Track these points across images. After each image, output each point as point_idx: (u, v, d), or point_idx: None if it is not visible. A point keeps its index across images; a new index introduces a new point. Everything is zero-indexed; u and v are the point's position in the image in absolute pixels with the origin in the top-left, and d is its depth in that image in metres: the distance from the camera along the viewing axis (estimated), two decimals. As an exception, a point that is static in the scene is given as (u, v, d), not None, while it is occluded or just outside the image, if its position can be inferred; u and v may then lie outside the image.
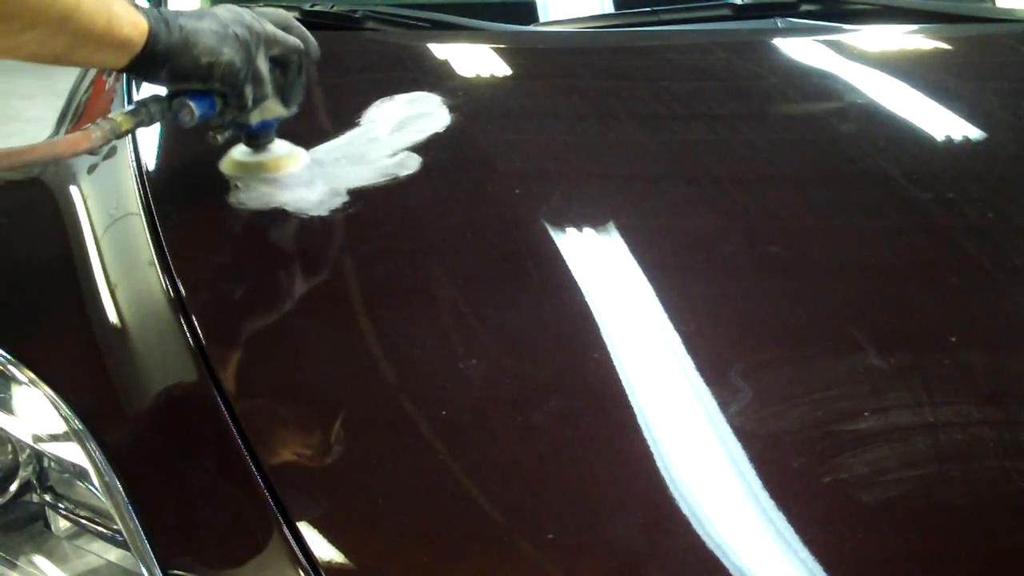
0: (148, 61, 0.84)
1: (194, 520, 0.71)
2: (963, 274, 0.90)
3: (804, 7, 1.49)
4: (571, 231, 0.92)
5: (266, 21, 0.91)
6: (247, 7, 0.92)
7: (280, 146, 1.01)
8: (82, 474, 0.74)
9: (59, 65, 0.83)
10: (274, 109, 0.97)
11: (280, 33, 0.92)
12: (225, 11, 0.89)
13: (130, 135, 1.03)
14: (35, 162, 0.97)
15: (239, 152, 1.00)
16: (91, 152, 0.86)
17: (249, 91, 0.90)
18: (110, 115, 0.87)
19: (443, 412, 0.73)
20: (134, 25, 0.82)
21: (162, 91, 0.91)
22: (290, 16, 0.96)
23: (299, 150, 1.02)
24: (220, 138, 0.96)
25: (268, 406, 0.75)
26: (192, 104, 0.88)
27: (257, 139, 0.99)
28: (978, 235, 0.95)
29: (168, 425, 0.76)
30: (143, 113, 0.88)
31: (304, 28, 0.97)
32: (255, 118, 0.96)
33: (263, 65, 0.90)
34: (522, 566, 0.63)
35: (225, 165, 1.00)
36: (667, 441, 0.70)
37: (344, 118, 1.10)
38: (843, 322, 0.82)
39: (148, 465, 0.74)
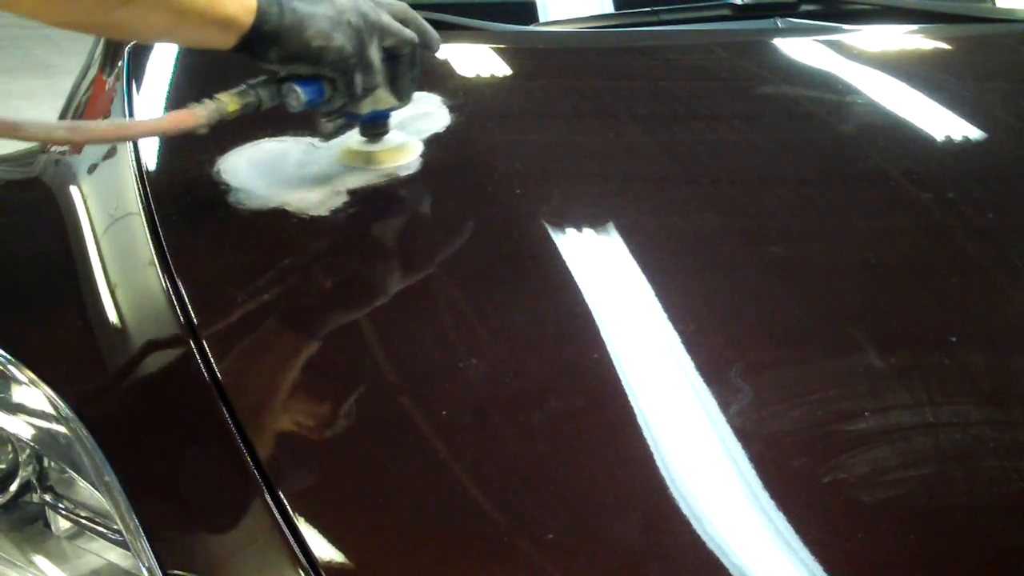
0: (257, 41, 0.84)
1: (194, 520, 0.71)
2: (963, 274, 0.90)
3: (804, 7, 1.49)
4: (571, 231, 0.92)
5: (383, 12, 0.92)
6: None
7: (394, 136, 1.02)
8: (82, 474, 0.74)
9: (165, 42, 0.82)
10: (387, 100, 0.97)
11: (396, 25, 0.92)
12: None
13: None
14: (139, 136, 0.99)
15: (354, 141, 1.02)
16: (197, 131, 0.85)
17: (359, 79, 0.90)
18: (217, 95, 0.87)
19: (443, 412, 0.73)
20: (241, 3, 0.82)
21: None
22: (411, 9, 0.96)
23: (412, 141, 1.03)
24: (331, 127, 0.96)
25: (269, 406, 0.75)
26: (300, 89, 0.89)
27: (371, 129, 1.01)
28: (978, 235, 0.95)
29: (168, 425, 0.76)
30: (251, 95, 0.88)
31: (424, 22, 0.97)
32: (366, 108, 0.97)
33: (375, 55, 0.91)
34: (522, 566, 0.63)
35: (340, 154, 1.02)
36: (667, 441, 0.70)
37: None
38: (843, 322, 0.82)
39: (148, 465, 0.74)
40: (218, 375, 0.75)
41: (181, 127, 0.84)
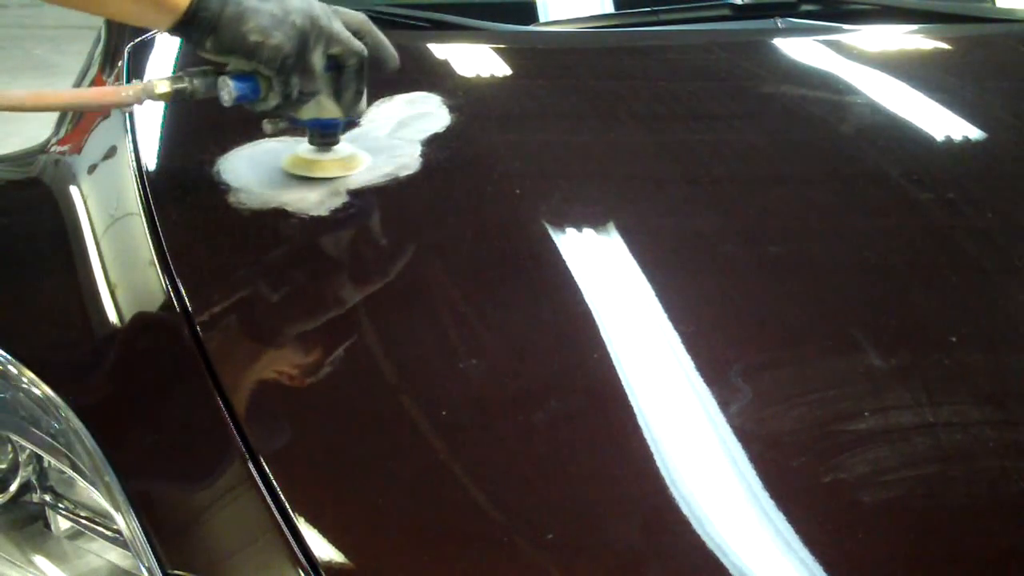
0: (193, 27, 0.84)
1: (194, 520, 0.71)
2: (963, 274, 0.90)
3: (804, 7, 1.49)
4: (571, 231, 0.92)
5: (337, 19, 0.90)
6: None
7: (343, 148, 1.00)
8: (82, 474, 0.74)
9: (98, 14, 0.84)
10: (331, 109, 0.96)
11: (346, 34, 0.91)
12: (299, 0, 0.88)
13: (132, 135, 1.04)
14: (59, 107, 0.99)
15: (302, 149, 1.00)
16: (121, 108, 0.86)
17: (295, 82, 0.89)
18: (150, 78, 0.87)
19: (443, 412, 0.73)
20: None
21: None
22: (369, 23, 0.95)
23: (362, 154, 1.02)
24: (271, 127, 0.96)
25: (269, 406, 0.75)
26: (232, 83, 0.88)
27: (318, 137, 0.99)
28: (978, 235, 0.95)
29: (168, 425, 0.76)
30: (185, 82, 0.88)
31: (383, 38, 0.95)
32: (307, 113, 0.96)
33: (317, 60, 0.89)
34: (522, 566, 0.63)
35: (287, 161, 1.01)
36: (667, 441, 0.70)
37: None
38: (843, 322, 0.82)
39: (148, 465, 0.74)
40: (218, 375, 0.75)
41: (103, 102, 0.84)
